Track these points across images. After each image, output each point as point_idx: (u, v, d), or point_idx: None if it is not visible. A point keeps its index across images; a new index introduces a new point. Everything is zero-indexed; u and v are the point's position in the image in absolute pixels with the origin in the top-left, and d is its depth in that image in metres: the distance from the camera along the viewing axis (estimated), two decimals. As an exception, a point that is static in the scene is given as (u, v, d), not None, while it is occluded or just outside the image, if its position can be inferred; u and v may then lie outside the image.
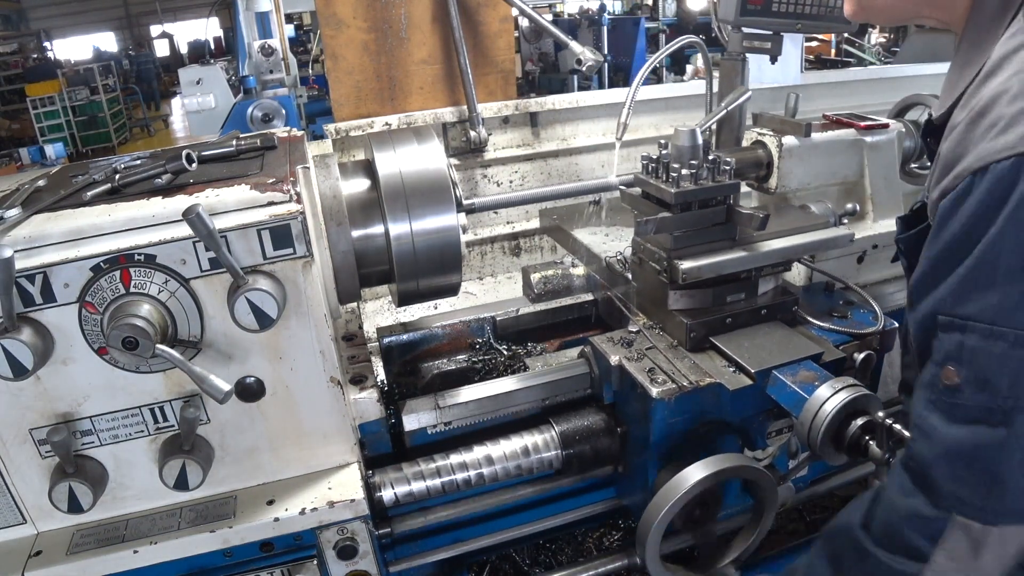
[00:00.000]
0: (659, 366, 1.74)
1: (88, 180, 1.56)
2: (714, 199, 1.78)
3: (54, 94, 15.53)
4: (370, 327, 2.29)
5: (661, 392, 1.65)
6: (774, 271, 1.87)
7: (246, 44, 5.12)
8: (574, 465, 1.88)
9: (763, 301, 1.87)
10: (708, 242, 1.80)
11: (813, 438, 1.57)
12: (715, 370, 1.72)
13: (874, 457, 1.52)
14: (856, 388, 1.56)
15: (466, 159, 2.84)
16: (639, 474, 1.86)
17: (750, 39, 2.11)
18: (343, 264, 1.73)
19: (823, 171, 2.24)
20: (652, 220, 1.72)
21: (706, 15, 14.58)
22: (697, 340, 1.80)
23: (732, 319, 1.82)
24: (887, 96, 2.96)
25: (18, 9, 27.12)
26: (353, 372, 1.88)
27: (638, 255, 1.93)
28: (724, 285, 1.82)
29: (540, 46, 11.64)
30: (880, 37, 14.65)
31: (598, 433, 1.87)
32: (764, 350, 1.74)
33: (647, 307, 1.97)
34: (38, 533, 1.59)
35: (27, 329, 1.36)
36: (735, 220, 1.79)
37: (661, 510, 1.60)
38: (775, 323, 1.85)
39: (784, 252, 1.82)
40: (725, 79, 2.22)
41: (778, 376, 1.67)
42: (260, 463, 1.66)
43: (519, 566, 2.21)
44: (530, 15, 2.68)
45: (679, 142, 1.77)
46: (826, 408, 1.55)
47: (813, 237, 1.86)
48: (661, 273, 1.81)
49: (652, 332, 1.88)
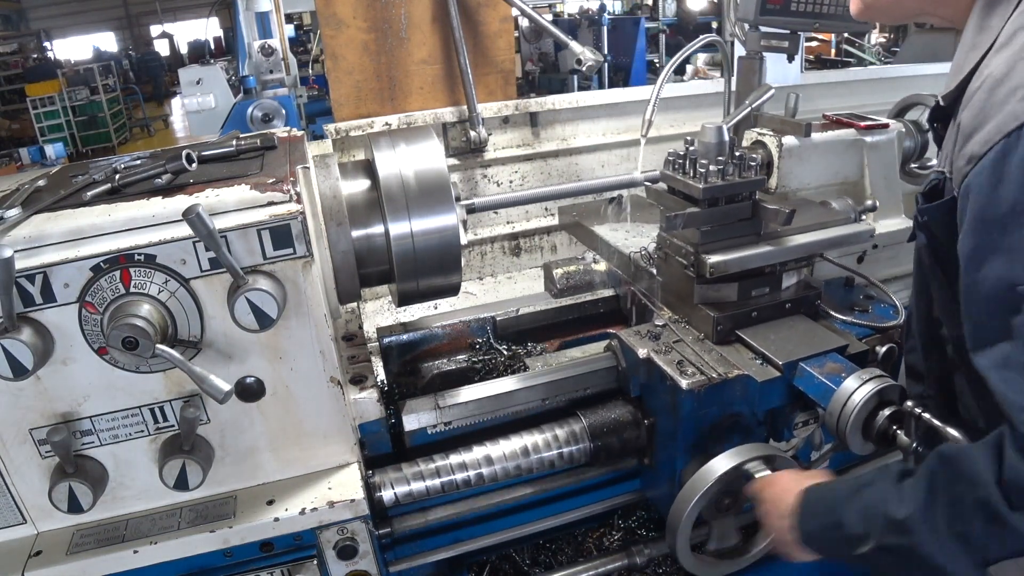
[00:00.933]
0: (687, 359, 1.77)
1: (88, 180, 1.56)
2: (740, 195, 1.81)
3: (54, 94, 15.52)
4: (370, 327, 2.29)
5: (691, 384, 1.68)
6: (797, 266, 1.91)
7: (246, 44, 5.12)
8: (601, 457, 1.91)
9: (787, 295, 1.90)
10: (734, 237, 1.83)
11: (842, 428, 1.60)
12: (742, 362, 1.75)
13: (902, 446, 1.56)
14: (883, 379, 1.60)
15: (466, 159, 2.84)
16: (666, 466, 1.89)
17: (767, 38, 2.13)
18: (343, 264, 1.73)
19: (823, 171, 2.24)
20: (681, 215, 1.75)
21: (706, 15, 14.59)
22: (724, 333, 1.83)
23: (757, 313, 1.85)
24: (887, 96, 2.95)
25: (18, 9, 27.11)
26: (353, 372, 1.88)
27: (664, 250, 1.96)
28: (749, 279, 1.86)
29: (540, 46, 11.62)
30: (880, 37, 14.65)
31: (625, 426, 1.90)
32: (790, 343, 1.77)
33: (672, 301, 2.00)
34: (38, 533, 1.59)
35: (27, 329, 1.36)
36: (760, 215, 1.82)
37: (692, 499, 1.64)
38: (799, 316, 1.89)
39: (808, 247, 1.86)
40: (743, 78, 2.26)
41: (805, 368, 1.70)
42: (260, 463, 1.66)
43: (519, 566, 2.21)
44: (530, 15, 2.68)
45: (706, 138, 1.79)
46: (855, 398, 1.59)
47: (836, 232, 1.89)
48: (688, 267, 1.84)
49: (678, 326, 1.91)
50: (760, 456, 1.68)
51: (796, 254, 1.85)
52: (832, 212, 2.01)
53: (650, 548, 2.05)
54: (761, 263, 1.82)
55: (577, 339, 2.30)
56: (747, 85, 2.22)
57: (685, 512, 1.65)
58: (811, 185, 2.23)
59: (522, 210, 2.95)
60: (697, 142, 1.82)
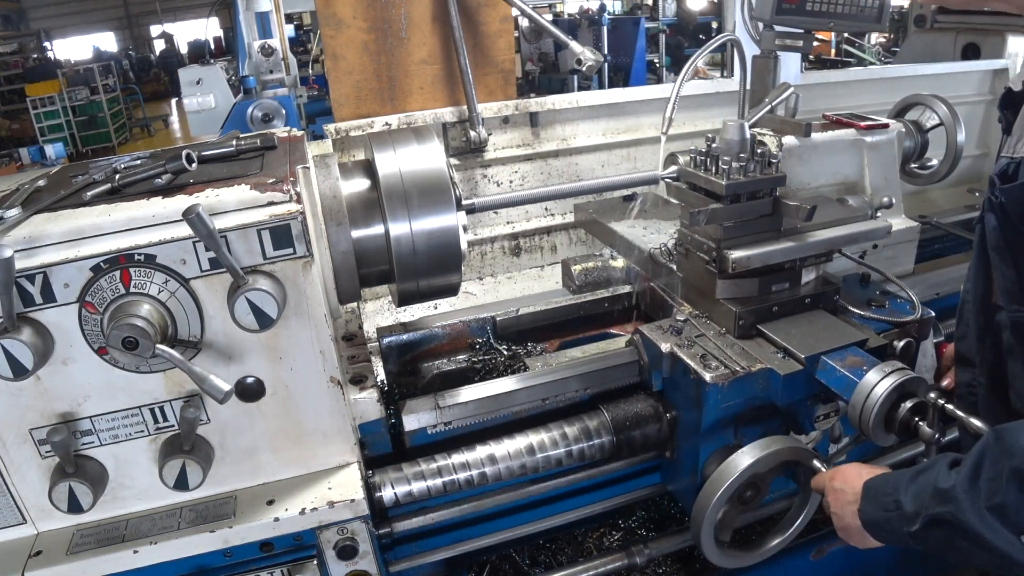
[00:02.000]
0: (710, 352, 1.80)
1: (88, 180, 1.56)
2: (762, 191, 1.84)
3: (54, 94, 15.52)
4: (370, 327, 2.29)
5: (715, 377, 1.71)
6: (817, 261, 1.94)
7: (246, 44, 5.11)
8: (624, 451, 1.93)
9: (806, 290, 1.93)
10: (755, 233, 1.87)
11: (865, 420, 1.63)
12: (765, 356, 1.78)
13: (924, 437, 1.59)
14: (904, 372, 1.63)
15: (466, 159, 2.84)
16: (688, 459, 1.91)
17: (782, 37, 2.15)
18: (343, 264, 1.73)
19: (823, 171, 2.25)
20: (704, 211, 1.78)
21: (706, 15, 14.59)
22: (745, 328, 1.86)
23: (778, 307, 1.88)
24: (887, 96, 2.96)
25: (18, 9, 27.12)
26: (353, 372, 1.88)
27: (684, 246, 1.99)
28: (770, 275, 1.89)
29: (540, 46, 11.62)
30: (880, 37, 14.64)
31: (647, 419, 1.93)
32: (811, 337, 1.80)
33: (692, 297, 2.02)
34: (38, 533, 1.59)
35: (27, 329, 1.36)
36: (781, 211, 1.85)
37: (717, 491, 1.67)
38: (818, 311, 1.92)
39: (828, 243, 1.89)
40: (757, 77, 2.28)
41: (827, 361, 1.72)
42: (260, 463, 1.66)
43: (519, 566, 2.21)
44: (530, 15, 2.68)
45: (728, 135, 1.83)
46: (877, 391, 1.61)
47: (854, 229, 1.92)
48: (709, 263, 1.87)
49: (699, 321, 1.94)
50: (784, 448, 1.70)
51: (816, 250, 1.88)
52: (849, 209, 2.04)
53: (650, 548, 2.06)
54: (782, 258, 1.85)
55: (577, 339, 2.30)
56: (761, 84, 2.24)
57: (711, 504, 1.68)
58: (811, 185, 2.24)
59: (522, 210, 2.95)
60: (719, 139, 1.85)
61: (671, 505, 2.31)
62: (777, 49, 2.18)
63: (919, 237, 2.43)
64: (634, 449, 1.94)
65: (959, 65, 3.81)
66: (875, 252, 2.28)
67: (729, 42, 2.41)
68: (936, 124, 2.56)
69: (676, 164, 2.04)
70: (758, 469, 1.70)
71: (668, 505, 2.31)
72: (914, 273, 2.44)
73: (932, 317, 1.97)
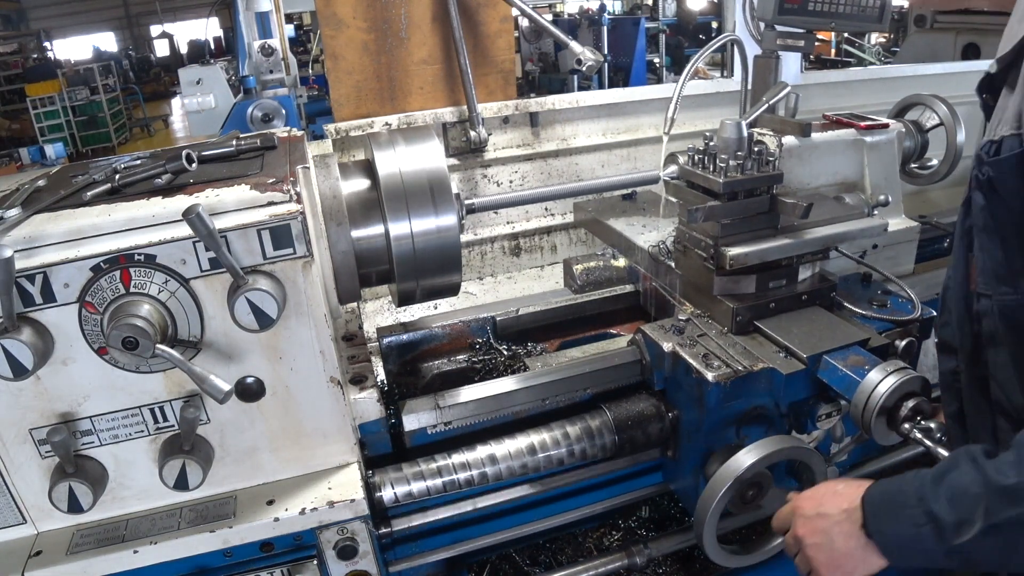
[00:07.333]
0: (712, 352, 1.81)
1: (88, 180, 1.56)
2: (759, 189, 1.85)
3: (54, 94, 15.53)
4: (370, 327, 2.29)
5: (717, 376, 1.71)
6: (813, 258, 1.95)
7: (246, 44, 5.10)
8: (626, 450, 1.93)
9: (803, 287, 1.94)
10: (753, 230, 1.87)
11: (867, 419, 1.64)
12: (766, 355, 1.79)
13: (927, 436, 1.58)
14: (907, 371, 1.64)
15: (466, 159, 2.83)
16: (690, 458, 1.92)
17: (783, 37, 2.16)
18: (343, 264, 1.73)
19: (823, 171, 2.24)
20: (702, 208, 1.79)
21: (706, 15, 14.59)
22: (743, 324, 1.87)
23: (775, 304, 1.89)
24: (887, 96, 2.95)
25: (18, 9, 27.10)
26: (353, 372, 1.88)
27: (682, 243, 2.00)
28: (767, 272, 1.90)
29: (540, 46, 11.63)
30: (880, 37, 14.64)
31: (649, 419, 1.93)
32: (813, 336, 1.81)
33: (691, 295, 2.03)
34: (38, 533, 1.59)
35: (27, 329, 1.36)
36: (778, 209, 1.86)
37: (719, 491, 1.67)
38: (815, 308, 1.93)
39: (824, 240, 1.90)
40: (759, 76, 2.28)
41: (829, 361, 1.73)
42: (260, 463, 1.66)
43: (519, 566, 2.21)
44: (530, 15, 2.68)
45: (725, 134, 1.84)
46: (879, 390, 1.62)
47: (851, 226, 1.93)
48: (707, 260, 1.88)
49: (701, 320, 1.95)
50: (786, 448, 1.71)
51: (813, 247, 1.89)
52: (846, 207, 2.04)
53: (650, 548, 2.06)
54: (779, 255, 1.86)
55: (576, 339, 2.30)
56: (763, 83, 2.25)
57: (713, 503, 1.69)
58: (811, 185, 2.23)
59: (522, 210, 2.95)
60: (716, 137, 1.85)
61: (671, 505, 2.31)
62: (779, 49, 2.18)
63: (919, 237, 2.43)
64: (636, 448, 1.94)
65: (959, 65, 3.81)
66: (875, 252, 2.28)
67: (730, 42, 2.41)
68: (936, 124, 2.56)
69: (676, 164, 2.04)
70: (760, 468, 1.70)
71: (668, 505, 2.31)
72: (914, 273, 2.44)
73: (933, 316, 1.96)
